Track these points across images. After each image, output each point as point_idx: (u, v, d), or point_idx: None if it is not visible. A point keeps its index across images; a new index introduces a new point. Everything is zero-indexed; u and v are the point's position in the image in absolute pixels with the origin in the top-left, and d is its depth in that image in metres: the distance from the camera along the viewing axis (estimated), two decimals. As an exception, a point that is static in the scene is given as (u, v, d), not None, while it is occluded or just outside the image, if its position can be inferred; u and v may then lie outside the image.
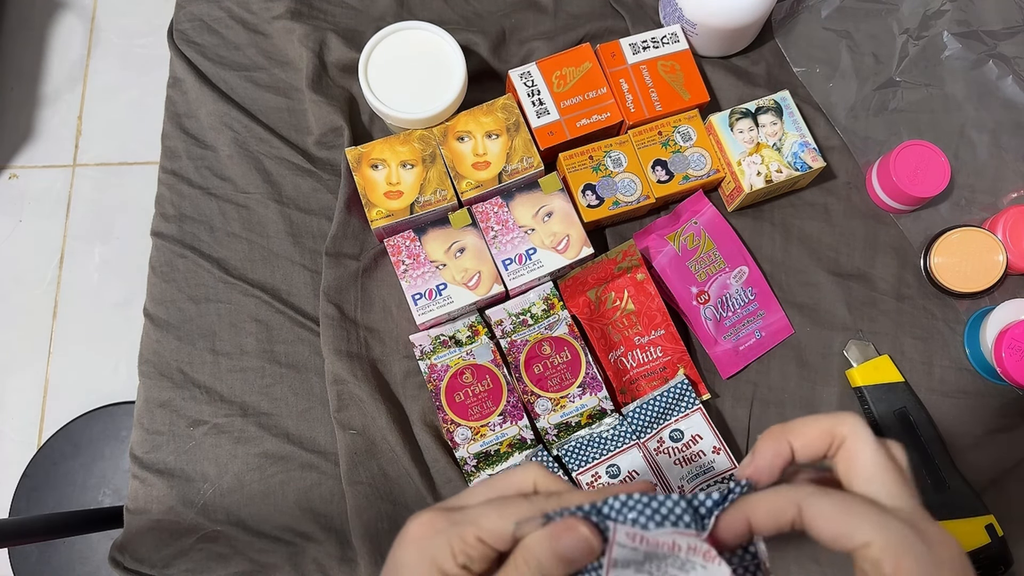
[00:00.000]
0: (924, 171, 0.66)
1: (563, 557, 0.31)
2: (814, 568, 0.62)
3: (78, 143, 1.47)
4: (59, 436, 1.28)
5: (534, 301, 0.65)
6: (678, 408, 0.62)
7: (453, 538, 0.32)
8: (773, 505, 0.32)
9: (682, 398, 0.62)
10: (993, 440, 0.65)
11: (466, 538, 0.32)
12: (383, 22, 0.73)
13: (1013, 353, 0.62)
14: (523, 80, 0.67)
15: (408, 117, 0.64)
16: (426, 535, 0.32)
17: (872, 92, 0.72)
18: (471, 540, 0.32)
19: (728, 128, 0.66)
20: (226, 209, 0.70)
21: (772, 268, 0.69)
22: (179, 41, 0.74)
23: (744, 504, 0.32)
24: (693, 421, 0.62)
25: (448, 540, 0.32)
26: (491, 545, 0.32)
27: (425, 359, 0.64)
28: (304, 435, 0.65)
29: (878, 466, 0.33)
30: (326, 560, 0.62)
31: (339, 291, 0.66)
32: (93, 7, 1.55)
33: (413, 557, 0.32)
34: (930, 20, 0.73)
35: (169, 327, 0.67)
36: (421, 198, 0.64)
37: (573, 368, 0.63)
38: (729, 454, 0.61)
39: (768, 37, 0.74)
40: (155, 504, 0.63)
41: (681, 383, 0.62)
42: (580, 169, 0.66)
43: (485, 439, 0.61)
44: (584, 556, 0.31)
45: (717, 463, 0.61)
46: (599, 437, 0.61)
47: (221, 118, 0.71)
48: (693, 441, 0.62)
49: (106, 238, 1.42)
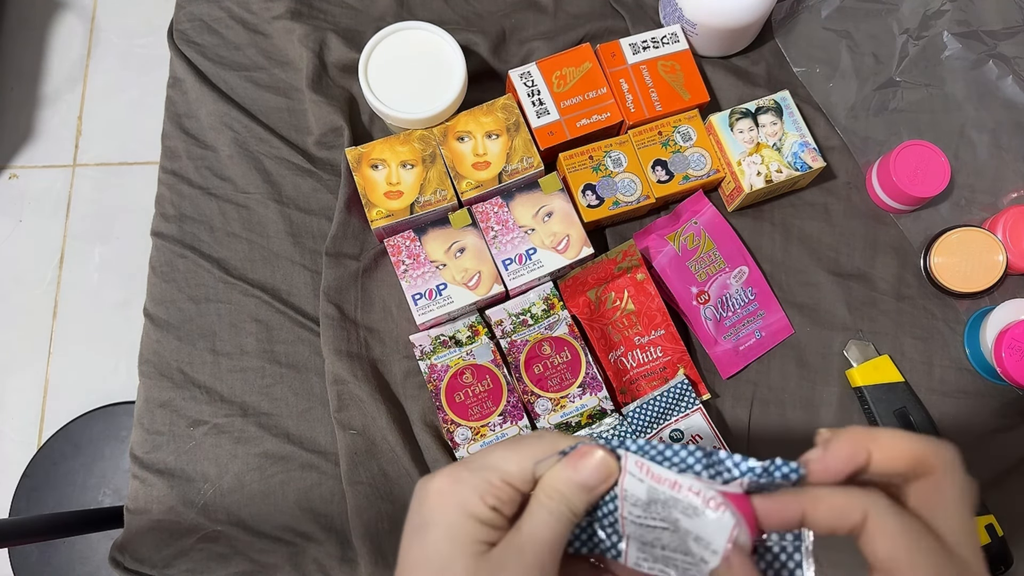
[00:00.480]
0: (924, 171, 0.66)
1: (583, 484, 0.32)
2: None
3: (78, 143, 1.47)
4: (59, 436, 1.28)
5: (534, 301, 0.65)
6: (678, 408, 0.62)
7: (479, 483, 0.32)
8: (840, 506, 0.31)
9: (682, 398, 0.62)
10: (993, 440, 0.65)
11: (492, 480, 0.32)
12: (383, 22, 0.73)
13: (1013, 353, 0.62)
14: (523, 80, 0.67)
15: (408, 117, 0.64)
16: (449, 486, 0.32)
17: (872, 92, 0.72)
18: (497, 482, 0.32)
19: (728, 128, 0.66)
20: (226, 209, 0.70)
21: (772, 268, 0.69)
22: (179, 41, 0.74)
23: (804, 496, 0.31)
24: (693, 421, 0.62)
25: (474, 486, 0.32)
26: (516, 487, 0.32)
27: (425, 359, 0.64)
28: (304, 435, 0.65)
29: (963, 517, 0.31)
30: (326, 560, 0.62)
31: (339, 291, 0.66)
32: (93, 7, 1.55)
33: (440, 509, 0.32)
34: (930, 20, 0.73)
35: (169, 327, 0.67)
36: (421, 198, 0.64)
37: (573, 368, 0.63)
38: (729, 454, 0.61)
39: (768, 37, 0.74)
40: (155, 504, 0.63)
41: (681, 383, 0.62)
42: (580, 169, 0.66)
43: (485, 439, 0.61)
44: (602, 479, 0.32)
45: (717, 463, 0.61)
46: (599, 437, 0.61)
47: (221, 118, 0.71)
48: (693, 441, 0.62)
49: (106, 238, 1.42)
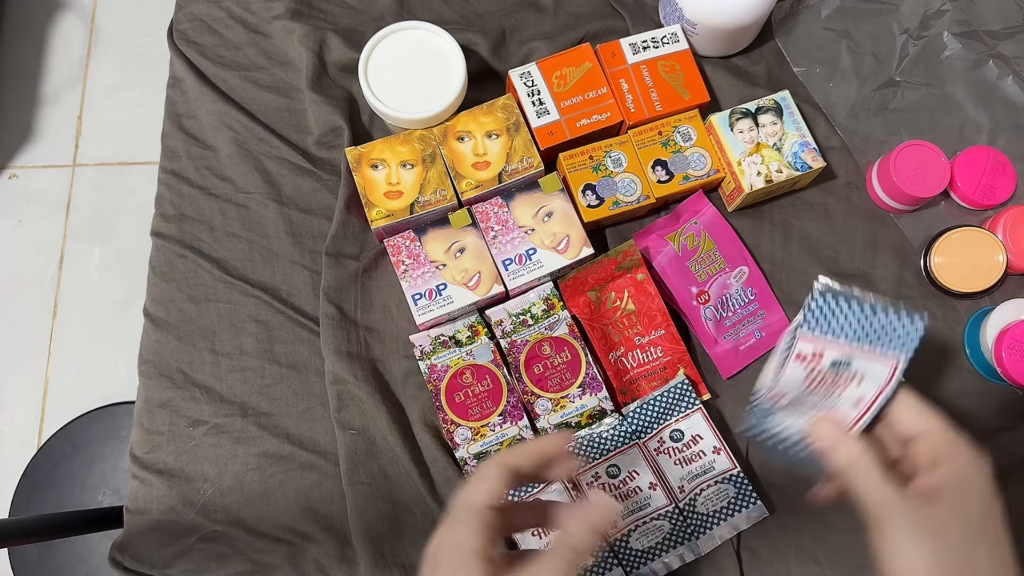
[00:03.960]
0: (924, 171, 0.66)
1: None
2: (814, 568, 0.62)
3: (78, 143, 1.47)
4: (59, 436, 1.28)
5: (534, 301, 0.65)
6: (678, 408, 0.62)
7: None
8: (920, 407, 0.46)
9: (682, 398, 0.62)
10: (993, 440, 0.65)
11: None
12: (383, 22, 0.73)
13: (1013, 353, 0.62)
14: (523, 80, 0.67)
15: (408, 117, 0.64)
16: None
17: (872, 92, 0.72)
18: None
19: (728, 128, 0.66)
20: (226, 209, 0.70)
21: (772, 268, 0.69)
22: (179, 41, 0.74)
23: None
24: (693, 421, 0.62)
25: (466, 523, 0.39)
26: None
27: (425, 359, 0.64)
28: (304, 435, 0.65)
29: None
30: (326, 560, 0.62)
31: (339, 291, 0.66)
32: (93, 7, 1.55)
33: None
34: (930, 20, 0.73)
35: (169, 327, 0.67)
36: (421, 198, 0.64)
37: (573, 368, 0.63)
38: (729, 454, 0.61)
39: (768, 37, 0.74)
40: (155, 504, 0.63)
41: (681, 383, 0.62)
42: (580, 169, 0.66)
43: (485, 439, 0.61)
44: None
45: (718, 463, 0.61)
46: (599, 437, 0.61)
47: (221, 118, 0.71)
48: (693, 441, 0.62)
49: (106, 238, 1.42)
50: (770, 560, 0.62)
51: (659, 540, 0.59)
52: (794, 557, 0.62)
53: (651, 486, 0.60)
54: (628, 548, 0.60)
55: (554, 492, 0.61)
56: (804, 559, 0.62)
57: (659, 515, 0.60)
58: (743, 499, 0.60)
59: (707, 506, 0.60)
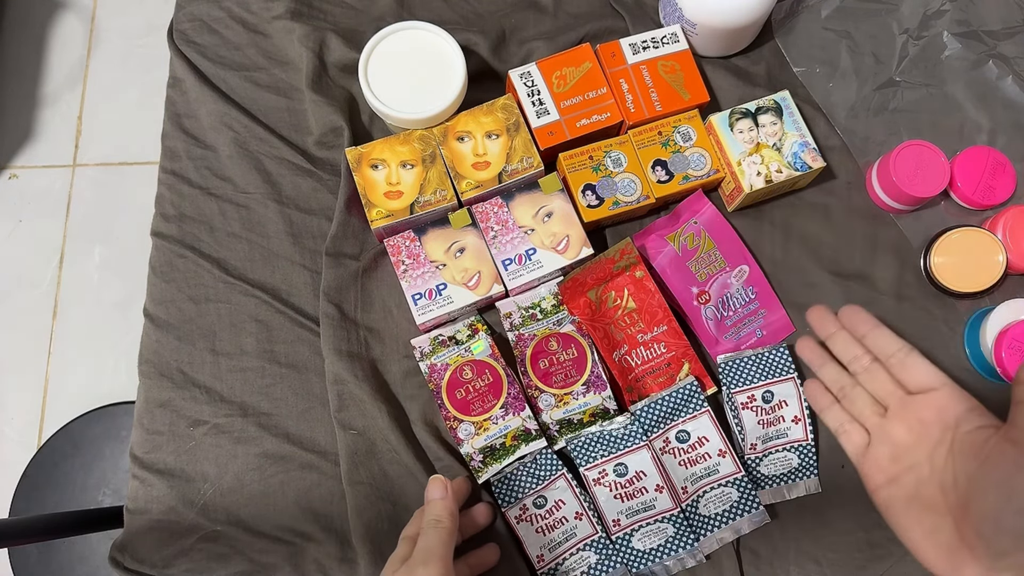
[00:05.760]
0: (924, 171, 0.66)
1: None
2: (814, 568, 0.62)
3: (78, 143, 1.47)
4: (59, 436, 1.28)
5: (544, 296, 0.65)
6: (686, 409, 0.62)
7: None
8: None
9: (690, 399, 0.62)
10: (993, 440, 0.65)
11: None
12: (383, 22, 0.73)
13: (1013, 353, 0.62)
14: (523, 80, 0.67)
15: (408, 117, 0.64)
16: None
17: (872, 92, 0.72)
18: None
19: (728, 128, 0.66)
20: (226, 209, 0.70)
21: (772, 268, 0.69)
22: (179, 41, 0.74)
23: None
24: (701, 423, 0.62)
25: None
26: None
27: (425, 360, 0.64)
28: (304, 435, 0.65)
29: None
30: (326, 560, 0.62)
31: (339, 291, 0.66)
32: (93, 7, 1.55)
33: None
34: (930, 20, 0.73)
35: (169, 327, 0.67)
36: (421, 198, 0.64)
37: (578, 365, 0.63)
38: (735, 457, 0.61)
39: (768, 37, 0.74)
40: (155, 504, 0.63)
41: (690, 384, 0.62)
42: (580, 169, 0.66)
43: (488, 433, 0.61)
44: None
45: (722, 466, 0.61)
46: (609, 435, 0.61)
47: (221, 118, 0.71)
48: (699, 443, 0.61)
49: (106, 238, 1.42)
50: (770, 560, 0.62)
51: (662, 542, 0.59)
52: (794, 557, 0.62)
53: (658, 488, 0.60)
54: (630, 547, 0.60)
55: (559, 489, 0.61)
56: (804, 559, 0.62)
57: (663, 518, 0.60)
58: (746, 503, 0.60)
59: (709, 508, 0.60)
